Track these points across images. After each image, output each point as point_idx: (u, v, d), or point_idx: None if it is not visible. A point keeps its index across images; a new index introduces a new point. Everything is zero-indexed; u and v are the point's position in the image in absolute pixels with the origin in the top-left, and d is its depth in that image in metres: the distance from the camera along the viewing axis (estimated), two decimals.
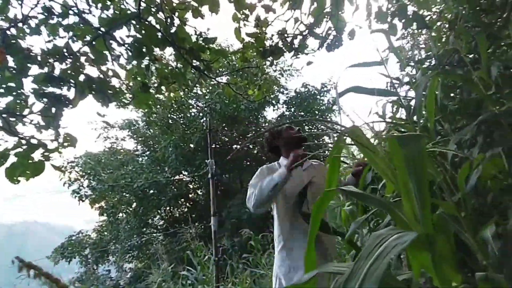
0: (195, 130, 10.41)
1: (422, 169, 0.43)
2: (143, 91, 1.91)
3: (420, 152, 0.45)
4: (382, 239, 0.39)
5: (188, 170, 11.45)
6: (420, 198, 0.42)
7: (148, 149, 12.23)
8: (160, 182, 10.21)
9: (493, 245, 0.85)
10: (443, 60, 2.05)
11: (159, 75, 2.05)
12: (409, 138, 0.47)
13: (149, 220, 11.71)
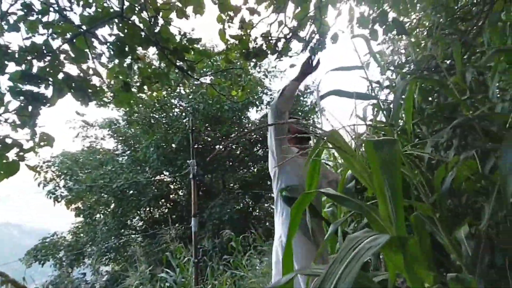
0: (177, 130, 10.28)
1: (396, 173, 0.45)
2: (125, 90, 1.88)
3: (394, 157, 0.47)
4: (356, 242, 0.40)
5: (169, 170, 11.28)
6: (394, 201, 0.43)
7: (129, 148, 11.96)
8: (140, 183, 10.01)
9: (467, 246, 0.89)
10: (421, 65, 2.13)
11: (141, 74, 2.02)
12: (384, 143, 0.49)
13: (128, 221, 11.45)
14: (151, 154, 10.17)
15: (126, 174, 10.09)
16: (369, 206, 0.51)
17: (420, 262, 0.43)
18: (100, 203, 10.76)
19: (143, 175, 10.40)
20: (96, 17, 1.66)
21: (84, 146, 11.72)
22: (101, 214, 11.19)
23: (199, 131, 10.88)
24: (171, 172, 11.23)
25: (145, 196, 10.21)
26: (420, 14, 2.54)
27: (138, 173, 10.69)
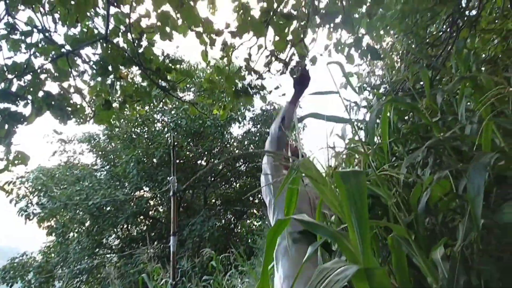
0: (159, 144, 10.13)
1: (362, 204, 0.46)
2: (105, 108, 1.85)
3: (360, 188, 0.48)
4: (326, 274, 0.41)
5: (149, 186, 11.02)
6: (361, 232, 0.45)
7: (108, 163, 11.63)
8: (119, 199, 9.69)
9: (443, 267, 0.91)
10: (395, 86, 2.21)
11: (123, 92, 2.00)
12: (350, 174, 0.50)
13: (103, 240, 10.96)
14: (131, 169, 9.93)
15: (104, 190, 9.76)
16: (342, 234, 0.52)
17: None
18: (75, 221, 10.29)
19: (122, 191, 10.09)
20: (81, 38, 1.65)
21: (61, 161, 11.32)
22: (74, 232, 10.68)
23: (181, 146, 10.76)
24: (151, 188, 10.97)
25: (123, 213, 9.87)
26: (393, 39, 2.68)
27: (117, 189, 10.37)
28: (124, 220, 9.94)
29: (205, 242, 8.95)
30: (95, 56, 1.71)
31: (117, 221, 10.05)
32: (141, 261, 5.12)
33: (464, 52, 1.53)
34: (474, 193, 0.70)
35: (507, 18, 2.27)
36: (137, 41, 1.75)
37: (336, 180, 0.50)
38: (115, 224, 10.37)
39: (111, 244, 11.53)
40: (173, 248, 4.16)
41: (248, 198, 12.19)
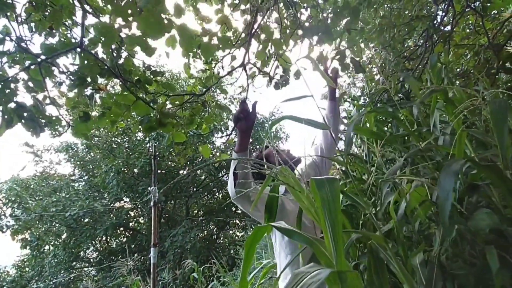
0: (140, 154, 9.93)
1: (336, 210, 0.47)
2: (83, 120, 1.80)
3: (334, 195, 0.49)
4: (300, 278, 0.42)
5: (130, 196, 10.74)
6: (334, 237, 0.46)
7: (87, 174, 11.28)
8: (97, 210, 9.38)
9: (421, 273, 0.92)
10: (374, 97, 2.26)
11: (102, 104, 1.96)
12: (324, 182, 0.51)
13: (80, 252, 10.55)
14: (110, 180, 9.66)
15: (82, 201, 9.43)
16: (318, 240, 0.53)
17: None
18: (50, 234, 9.86)
19: (101, 202, 9.78)
20: (57, 48, 1.61)
21: (36, 171, 10.87)
22: (50, 245, 10.22)
23: (162, 156, 10.59)
24: (131, 198, 10.70)
25: (101, 224, 9.54)
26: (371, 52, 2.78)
27: (96, 199, 10.04)
28: (103, 232, 9.61)
29: (186, 253, 8.76)
30: (74, 67, 1.67)
31: (95, 233, 9.70)
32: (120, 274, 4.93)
33: (438, 66, 1.60)
34: (443, 197, 0.72)
35: (479, 34, 2.40)
36: (116, 51, 1.73)
37: (312, 187, 0.51)
38: (93, 236, 10.01)
39: (89, 257, 11.10)
40: (154, 260, 4.05)
41: (230, 209, 12.09)
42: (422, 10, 2.49)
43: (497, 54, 1.90)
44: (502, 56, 1.92)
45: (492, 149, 1.18)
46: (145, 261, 8.89)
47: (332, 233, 0.46)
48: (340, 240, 0.45)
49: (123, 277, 4.78)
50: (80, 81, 1.69)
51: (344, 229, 1.22)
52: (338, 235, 0.45)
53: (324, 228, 0.48)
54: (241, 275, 0.57)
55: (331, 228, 0.46)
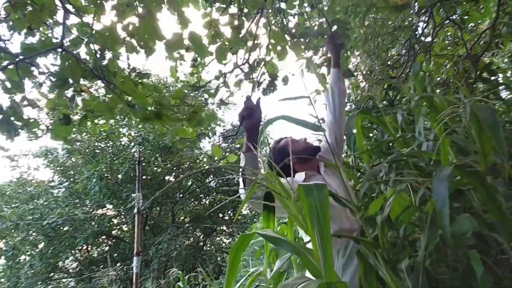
0: (124, 160, 9.72)
1: (324, 218, 0.46)
2: (63, 123, 1.74)
3: (322, 202, 0.48)
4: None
5: (113, 203, 10.47)
6: (323, 247, 0.45)
7: (67, 179, 10.93)
8: (78, 218, 9.08)
9: (408, 279, 0.93)
10: (360, 104, 2.30)
11: (84, 107, 1.90)
12: (313, 188, 0.50)
13: (59, 263, 10.15)
14: (93, 186, 9.39)
15: (62, 208, 9.11)
16: (306, 249, 0.52)
17: None
18: (27, 243, 9.46)
19: (82, 209, 9.48)
20: (37, 48, 1.56)
21: (12, 177, 10.46)
22: (26, 255, 9.79)
23: (148, 162, 10.41)
24: (115, 205, 10.43)
25: (82, 233, 9.23)
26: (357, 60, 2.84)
27: (76, 207, 9.74)
28: (83, 241, 9.29)
29: (172, 261, 8.58)
30: (55, 67, 1.62)
31: (75, 242, 9.37)
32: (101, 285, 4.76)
33: (420, 75, 1.64)
34: (440, 205, 0.73)
35: (458, 45, 2.49)
36: (100, 52, 1.69)
37: (299, 194, 0.50)
38: (73, 245, 9.66)
39: (68, 267, 10.70)
40: (137, 269, 3.95)
41: (217, 215, 11.96)
42: (404, 21, 2.57)
43: (474, 64, 1.97)
44: (479, 66, 2.00)
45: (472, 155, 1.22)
46: (128, 270, 8.64)
47: (321, 241, 0.45)
48: (329, 250, 0.44)
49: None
50: (61, 82, 1.63)
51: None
52: (327, 244, 0.45)
53: (312, 236, 0.47)
54: (226, 284, 0.56)
55: (320, 237, 0.45)
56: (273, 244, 0.51)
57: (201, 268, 3.91)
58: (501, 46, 2.56)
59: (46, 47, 1.58)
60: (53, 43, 1.64)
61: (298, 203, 0.54)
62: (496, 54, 2.60)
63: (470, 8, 2.35)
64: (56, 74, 1.62)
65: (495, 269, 0.98)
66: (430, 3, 2.04)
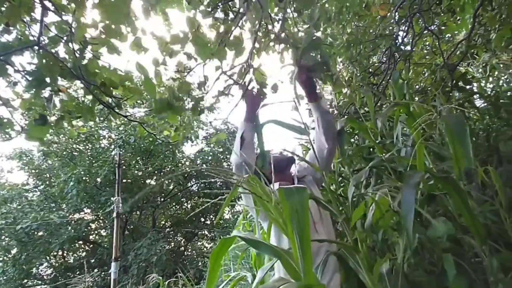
0: (103, 163, 9.46)
1: (305, 221, 0.47)
2: (39, 123, 1.67)
3: (303, 205, 0.49)
4: None
5: (91, 207, 10.15)
6: (302, 249, 0.45)
7: (43, 183, 10.51)
8: (53, 222, 8.73)
9: (387, 281, 0.94)
10: (342, 110, 2.33)
11: (62, 108, 1.83)
12: (293, 191, 0.51)
13: (32, 269, 9.72)
14: (70, 190, 9.07)
15: (36, 212, 8.74)
16: (286, 252, 0.52)
17: None
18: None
19: (58, 214, 9.13)
20: (13, 45, 1.49)
21: None
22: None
23: (128, 165, 10.18)
24: (93, 209, 10.11)
25: (57, 238, 8.88)
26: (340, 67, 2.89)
27: (52, 211, 9.37)
28: (59, 246, 8.94)
29: (152, 267, 8.39)
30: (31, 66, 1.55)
31: (50, 248, 9.00)
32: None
33: (400, 82, 1.69)
34: (406, 210, 0.75)
35: (436, 54, 2.59)
36: (79, 52, 1.64)
37: (280, 196, 0.50)
38: (47, 251, 9.28)
39: (42, 274, 10.26)
40: (114, 275, 3.83)
41: (199, 219, 11.82)
42: (385, 30, 2.65)
43: (451, 73, 2.05)
44: (456, 75, 2.08)
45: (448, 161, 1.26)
46: (106, 276, 8.38)
47: (300, 244, 0.45)
48: (308, 252, 0.44)
49: None
50: (38, 82, 1.57)
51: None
52: (307, 247, 0.45)
53: (291, 239, 0.47)
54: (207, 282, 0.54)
55: (299, 240, 0.45)
56: (253, 247, 0.51)
57: (181, 273, 3.84)
58: (476, 57, 2.68)
59: (22, 45, 1.52)
60: (30, 41, 1.58)
61: (279, 207, 0.54)
62: (472, 64, 2.72)
63: (448, 19, 2.45)
64: (32, 73, 1.55)
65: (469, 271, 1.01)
66: (410, 13, 2.11)
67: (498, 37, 2.14)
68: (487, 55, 2.50)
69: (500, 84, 2.67)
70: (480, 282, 0.99)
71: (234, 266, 2.81)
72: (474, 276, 0.98)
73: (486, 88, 2.63)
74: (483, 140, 1.97)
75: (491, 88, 2.64)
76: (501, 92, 2.22)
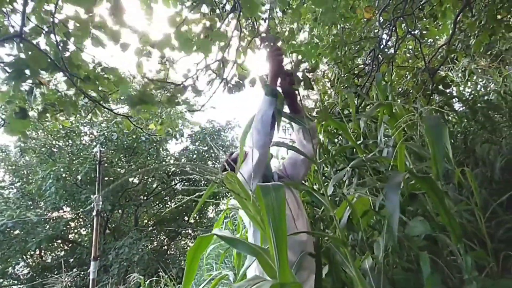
0: (84, 160, 9.20)
1: (281, 218, 0.47)
2: (20, 117, 1.61)
3: (279, 203, 0.48)
4: None
5: (71, 205, 9.86)
6: (278, 247, 0.45)
7: (19, 180, 10.14)
8: (30, 221, 8.42)
9: (371, 278, 0.96)
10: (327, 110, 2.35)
11: (44, 101, 1.76)
12: (270, 188, 0.50)
13: (8, 268, 9.37)
14: (48, 187, 8.78)
15: (12, 210, 8.41)
16: (263, 250, 0.52)
17: None
18: None
19: (35, 212, 8.82)
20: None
21: None
22: None
23: (110, 162, 9.95)
24: (73, 207, 9.83)
25: (34, 237, 8.58)
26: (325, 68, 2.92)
27: (29, 209, 9.04)
28: (36, 245, 8.64)
29: (133, 266, 8.23)
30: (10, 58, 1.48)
31: (26, 247, 8.69)
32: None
33: (383, 84, 1.72)
34: (391, 210, 0.76)
35: (418, 58, 2.65)
36: (62, 44, 1.58)
37: (257, 193, 0.49)
38: (24, 250, 8.95)
39: (19, 273, 9.91)
40: (93, 275, 3.74)
41: (183, 218, 11.70)
42: (370, 32, 2.69)
43: (431, 77, 2.11)
44: (436, 79, 2.14)
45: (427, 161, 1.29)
46: (85, 276, 8.16)
47: (276, 241, 0.44)
48: (284, 250, 0.44)
49: None
50: (17, 74, 1.50)
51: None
52: (282, 244, 0.44)
53: (268, 236, 0.46)
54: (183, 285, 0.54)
55: (275, 237, 0.45)
56: (230, 244, 0.51)
57: (163, 273, 3.79)
58: (456, 62, 2.76)
59: (1, 36, 1.45)
60: (9, 32, 1.51)
61: (256, 204, 0.53)
62: (451, 69, 2.80)
63: (430, 24, 2.52)
64: (12, 65, 1.48)
65: (445, 269, 1.04)
66: (394, 17, 2.16)
67: (477, 43, 2.21)
68: (466, 60, 2.58)
69: (477, 89, 2.77)
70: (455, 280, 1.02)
71: (216, 265, 2.79)
72: (450, 274, 1.01)
73: (465, 92, 2.71)
74: (460, 143, 2.03)
75: (469, 92, 2.72)
76: (478, 97, 2.30)
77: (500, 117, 2.19)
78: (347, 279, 1.05)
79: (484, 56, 2.84)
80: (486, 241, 1.09)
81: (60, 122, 2.24)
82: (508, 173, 1.60)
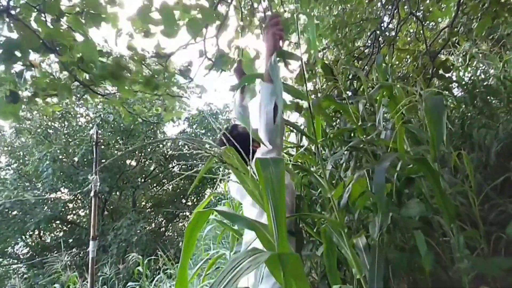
0: (81, 141, 9.17)
1: (280, 193, 0.47)
2: (11, 101, 1.57)
3: (278, 177, 0.48)
4: (238, 262, 0.41)
5: (68, 187, 9.90)
6: (276, 219, 0.46)
7: (16, 161, 10.12)
8: (28, 201, 8.47)
9: (365, 257, 0.98)
10: (326, 92, 2.34)
11: (34, 84, 1.72)
12: (269, 162, 0.50)
13: (8, 248, 9.50)
14: (45, 168, 8.79)
15: (9, 191, 8.45)
16: (262, 224, 0.52)
17: (300, 278, 0.46)
18: None
19: (32, 193, 8.86)
20: None
21: None
22: None
23: (107, 144, 9.93)
24: (70, 189, 9.87)
25: (33, 217, 8.66)
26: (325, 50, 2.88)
27: (27, 190, 9.08)
28: (35, 226, 8.73)
29: (132, 246, 8.38)
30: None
31: (25, 227, 8.78)
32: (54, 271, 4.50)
33: (383, 66, 1.70)
34: (377, 189, 0.78)
35: (419, 41, 2.62)
36: (54, 23, 1.53)
37: (256, 167, 0.50)
38: (23, 231, 9.05)
39: (18, 253, 10.06)
40: (93, 254, 3.80)
41: (180, 200, 11.82)
42: (372, 14, 2.64)
43: (432, 60, 2.08)
44: (437, 63, 2.12)
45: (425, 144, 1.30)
46: (84, 256, 8.31)
47: (275, 215, 0.45)
48: (283, 223, 0.45)
49: (58, 274, 4.36)
50: (7, 55, 1.46)
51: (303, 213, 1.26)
52: (281, 217, 0.45)
53: (267, 210, 0.47)
54: (180, 263, 0.54)
55: (274, 210, 0.45)
56: (229, 219, 0.51)
57: (162, 253, 3.86)
58: (458, 45, 2.73)
59: None
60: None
61: (255, 179, 0.54)
62: (453, 53, 2.77)
63: (433, 5, 2.47)
64: (2, 45, 1.44)
65: (437, 249, 1.06)
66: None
67: (479, 26, 2.18)
68: (467, 44, 2.55)
69: (477, 74, 2.75)
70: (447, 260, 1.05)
71: (213, 245, 2.84)
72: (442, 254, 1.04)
73: (464, 77, 2.69)
74: (458, 128, 2.03)
75: (468, 77, 2.71)
76: (477, 82, 2.28)
77: (498, 103, 2.18)
78: (342, 256, 1.08)
79: (486, 40, 2.80)
80: (479, 223, 1.11)
81: (51, 106, 2.19)
82: (503, 158, 1.61)
